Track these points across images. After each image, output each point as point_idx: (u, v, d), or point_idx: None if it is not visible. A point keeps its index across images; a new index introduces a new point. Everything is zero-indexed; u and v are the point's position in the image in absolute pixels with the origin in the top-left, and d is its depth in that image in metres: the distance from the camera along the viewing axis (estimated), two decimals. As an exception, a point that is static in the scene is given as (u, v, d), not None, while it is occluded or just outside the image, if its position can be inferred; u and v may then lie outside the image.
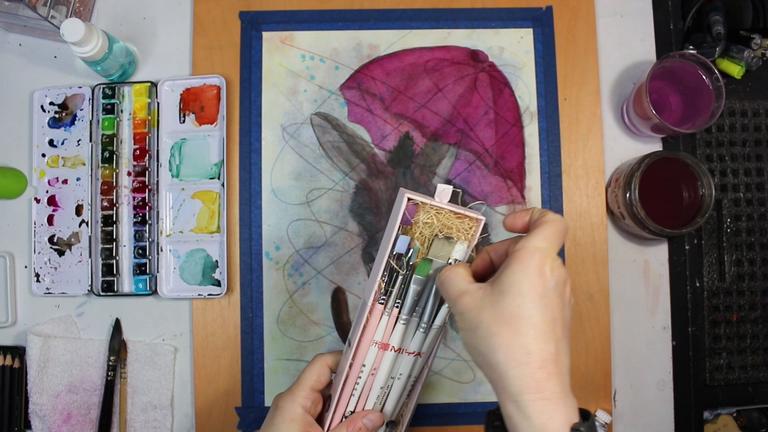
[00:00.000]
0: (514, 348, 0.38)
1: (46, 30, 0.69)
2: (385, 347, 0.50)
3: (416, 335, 0.49)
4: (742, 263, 0.71)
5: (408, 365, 0.50)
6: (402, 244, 0.48)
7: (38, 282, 0.69)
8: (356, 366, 0.50)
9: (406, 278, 0.49)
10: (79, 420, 0.68)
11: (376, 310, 0.49)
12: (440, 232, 0.49)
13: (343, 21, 0.72)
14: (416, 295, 0.49)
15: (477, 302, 0.40)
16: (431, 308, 0.49)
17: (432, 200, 0.49)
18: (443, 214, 0.49)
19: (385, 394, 0.51)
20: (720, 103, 0.65)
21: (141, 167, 0.70)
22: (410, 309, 0.49)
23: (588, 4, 0.73)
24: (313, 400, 0.51)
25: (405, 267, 0.49)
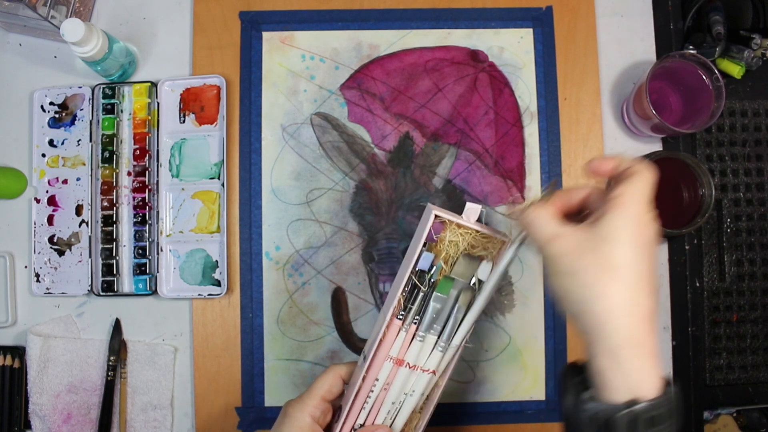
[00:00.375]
0: (619, 298, 0.36)
1: (46, 30, 0.69)
2: (400, 363, 0.49)
3: (433, 353, 0.49)
4: (742, 263, 0.71)
5: (422, 383, 0.50)
6: (425, 261, 0.48)
7: (38, 282, 0.69)
8: (369, 380, 0.49)
9: (426, 295, 0.49)
10: (79, 420, 0.68)
11: (393, 325, 0.49)
12: (465, 250, 0.49)
13: (343, 21, 0.72)
14: (435, 312, 0.49)
15: (574, 246, 0.38)
16: (451, 327, 0.49)
17: (460, 219, 0.48)
18: (470, 234, 0.49)
19: (397, 409, 0.50)
20: (720, 103, 0.65)
21: (141, 167, 0.70)
22: (428, 326, 0.49)
23: (588, 4, 0.73)
24: (322, 410, 0.50)
25: (426, 284, 0.49)
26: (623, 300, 0.36)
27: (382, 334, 0.49)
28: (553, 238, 0.39)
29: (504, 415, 0.69)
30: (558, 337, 0.70)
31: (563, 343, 0.69)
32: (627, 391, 0.35)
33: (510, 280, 0.70)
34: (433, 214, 0.47)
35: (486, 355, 0.70)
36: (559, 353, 0.69)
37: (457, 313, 0.49)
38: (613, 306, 0.36)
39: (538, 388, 0.70)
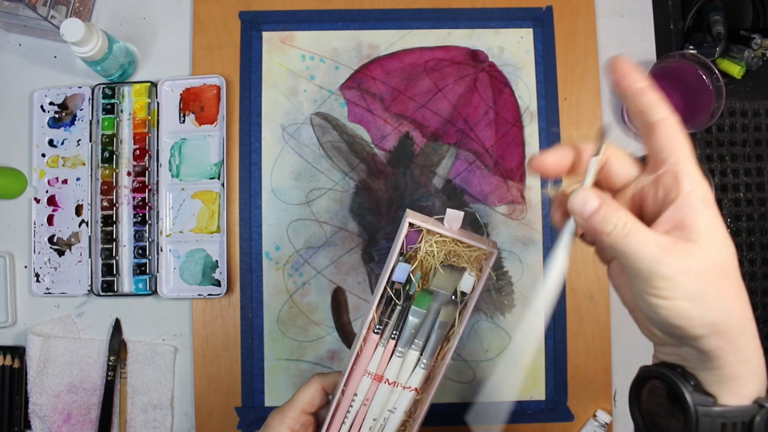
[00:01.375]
0: (745, 306, 0.33)
1: (46, 30, 0.69)
2: (379, 379, 0.47)
3: (416, 371, 0.46)
4: (742, 263, 0.71)
5: (405, 400, 0.47)
6: (401, 273, 0.45)
7: (38, 282, 0.69)
8: (348, 395, 0.47)
9: (404, 309, 0.45)
10: (79, 420, 0.68)
11: (370, 339, 0.46)
12: (445, 261, 0.45)
13: (343, 21, 0.72)
14: (414, 328, 0.45)
15: (689, 263, 0.31)
16: (434, 344, 0.46)
17: (437, 226, 0.44)
18: (450, 243, 0.45)
19: (381, 426, 0.48)
20: (720, 103, 0.65)
21: (141, 167, 0.70)
22: (407, 342, 0.46)
23: (588, 4, 0.73)
24: (303, 423, 0.48)
25: (403, 297, 0.45)
26: (747, 307, 0.33)
27: (359, 349, 0.46)
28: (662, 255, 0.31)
29: (504, 415, 0.69)
30: (558, 337, 0.70)
31: (563, 343, 0.69)
32: (756, 392, 0.33)
33: (510, 280, 0.70)
34: (407, 222, 0.44)
35: (486, 355, 0.70)
36: (559, 353, 0.69)
37: (439, 328, 0.45)
38: (744, 316, 0.33)
39: (538, 388, 0.70)
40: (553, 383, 0.69)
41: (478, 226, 0.45)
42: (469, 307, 0.45)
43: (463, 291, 0.45)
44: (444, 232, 0.44)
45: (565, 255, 0.35)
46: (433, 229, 0.44)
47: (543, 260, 0.70)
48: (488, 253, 0.44)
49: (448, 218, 0.45)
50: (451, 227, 0.45)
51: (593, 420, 0.68)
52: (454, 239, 0.44)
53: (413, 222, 0.44)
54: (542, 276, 0.70)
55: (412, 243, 0.45)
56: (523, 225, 0.71)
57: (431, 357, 0.46)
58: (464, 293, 0.45)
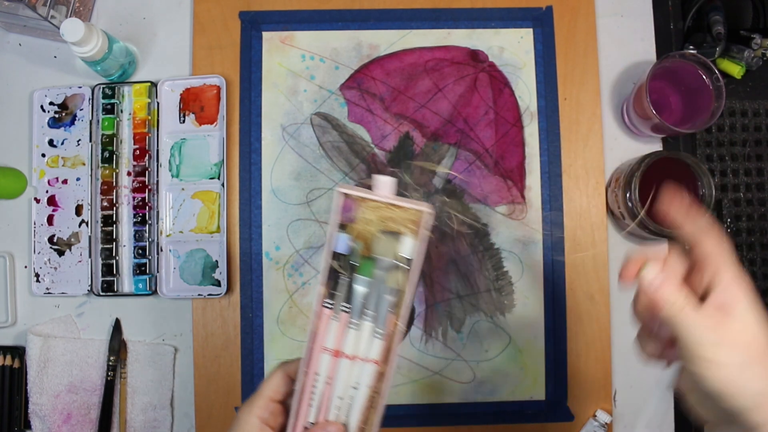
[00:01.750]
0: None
1: (46, 30, 0.69)
2: (337, 354, 0.46)
3: (374, 342, 0.46)
4: (742, 263, 0.71)
5: (367, 374, 0.47)
6: (341, 244, 0.45)
7: (38, 282, 0.69)
8: (310, 375, 0.47)
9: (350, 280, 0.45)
10: (79, 420, 0.68)
11: (324, 315, 0.46)
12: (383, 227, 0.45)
13: (343, 21, 0.72)
14: (364, 297, 0.46)
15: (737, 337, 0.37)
16: (385, 312, 0.46)
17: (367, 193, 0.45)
18: (383, 208, 0.45)
19: (348, 405, 0.47)
20: (720, 103, 0.65)
21: (141, 167, 0.70)
22: (359, 312, 0.46)
23: (588, 4, 0.73)
24: (272, 411, 0.48)
25: (348, 268, 0.46)
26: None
27: (314, 326, 0.47)
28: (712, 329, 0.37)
29: (504, 415, 0.69)
30: (558, 337, 0.70)
31: (563, 343, 0.69)
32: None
33: (510, 280, 0.70)
34: (340, 193, 0.44)
35: (486, 355, 0.70)
36: (559, 353, 0.69)
37: (387, 295, 0.46)
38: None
39: (538, 388, 0.70)
40: (553, 383, 0.69)
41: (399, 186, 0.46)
42: (416, 269, 0.46)
43: (404, 255, 0.45)
44: (376, 197, 0.45)
45: None
46: (365, 197, 0.45)
47: (543, 260, 0.70)
48: (423, 214, 0.45)
49: (379, 184, 0.45)
50: (383, 193, 0.45)
51: (593, 420, 0.68)
52: (388, 204, 0.45)
53: (345, 192, 0.44)
54: (542, 276, 0.70)
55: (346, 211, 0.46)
56: (523, 225, 0.71)
57: (384, 325, 0.46)
58: (408, 258, 0.45)
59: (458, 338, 0.70)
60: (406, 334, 0.70)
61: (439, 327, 0.70)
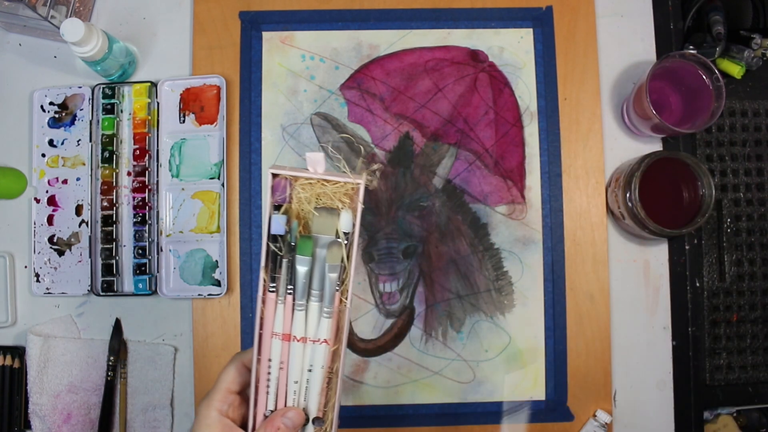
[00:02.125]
0: None
1: (46, 30, 0.69)
2: (287, 338, 0.46)
3: (321, 321, 0.46)
4: (742, 263, 0.71)
5: (319, 355, 0.46)
6: (278, 225, 0.44)
7: (38, 282, 0.69)
8: (263, 362, 0.46)
9: (290, 261, 0.45)
10: (79, 420, 0.68)
11: (268, 300, 0.46)
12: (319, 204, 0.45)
13: (343, 21, 0.72)
14: (306, 277, 0.45)
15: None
16: (330, 289, 0.45)
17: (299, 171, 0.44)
18: (318, 185, 0.45)
19: (304, 388, 0.47)
20: (720, 103, 0.65)
21: (141, 167, 0.70)
22: (303, 293, 0.45)
23: (588, 4, 0.73)
24: (230, 403, 0.48)
25: (287, 249, 0.45)
26: None
27: (260, 312, 0.46)
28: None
29: (504, 415, 0.69)
30: (558, 337, 0.70)
31: (563, 343, 0.69)
32: None
33: (510, 280, 0.70)
34: (270, 173, 0.44)
35: (486, 355, 0.70)
36: (559, 353, 0.69)
37: (330, 272, 0.45)
38: None
39: (538, 388, 0.70)
40: (553, 383, 0.69)
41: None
42: (355, 243, 0.45)
43: (344, 231, 0.45)
44: (307, 175, 0.44)
45: None
46: (296, 174, 0.44)
47: (543, 260, 0.70)
48: (356, 186, 0.45)
49: (310, 161, 0.45)
50: (315, 170, 0.45)
51: (593, 420, 0.68)
52: (320, 180, 0.45)
53: (275, 172, 0.44)
54: (542, 275, 0.70)
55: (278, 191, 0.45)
56: (523, 225, 0.71)
57: (331, 303, 0.46)
58: (346, 232, 0.45)
59: (458, 338, 0.70)
60: (406, 334, 0.70)
61: (439, 327, 0.70)
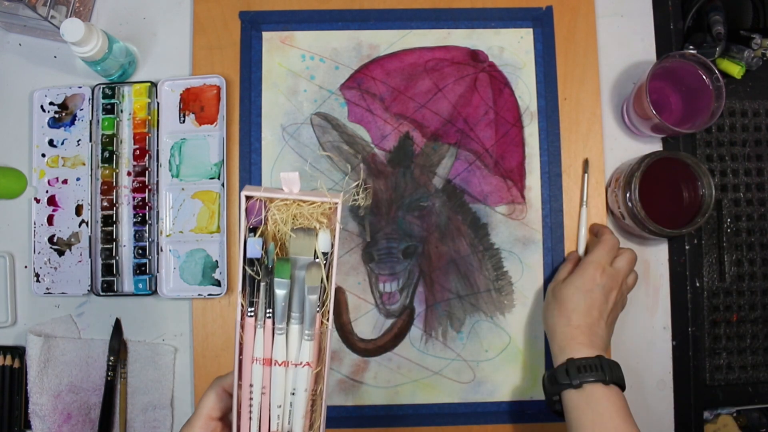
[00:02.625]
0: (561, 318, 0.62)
1: (46, 30, 0.69)
2: (268, 363, 0.45)
3: (303, 344, 0.45)
4: (742, 263, 0.71)
5: (302, 378, 0.45)
6: (253, 248, 0.43)
7: (38, 282, 0.69)
8: (244, 387, 0.45)
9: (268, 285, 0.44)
10: (79, 420, 0.68)
11: (247, 324, 0.45)
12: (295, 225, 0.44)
13: (343, 21, 0.72)
14: (284, 300, 0.44)
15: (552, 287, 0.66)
16: (310, 312, 0.44)
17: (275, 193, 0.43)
18: (294, 205, 0.44)
19: (288, 412, 0.46)
20: (720, 103, 0.65)
21: (141, 167, 0.70)
22: (283, 317, 0.44)
23: (588, 4, 0.73)
24: (212, 430, 0.47)
25: (264, 273, 0.44)
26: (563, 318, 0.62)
27: (240, 338, 0.45)
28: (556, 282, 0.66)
29: (504, 415, 0.69)
30: (558, 337, 0.69)
31: (563, 343, 0.69)
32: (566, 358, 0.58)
33: (510, 280, 0.70)
34: (243, 196, 0.42)
35: (486, 355, 0.70)
36: (559, 353, 0.69)
37: (309, 294, 0.44)
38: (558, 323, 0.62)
39: (538, 388, 0.69)
40: (553, 383, 0.69)
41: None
42: (334, 263, 0.44)
43: (322, 251, 0.44)
44: (282, 196, 0.43)
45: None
46: (271, 197, 0.43)
47: (543, 260, 0.70)
48: (333, 206, 0.44)
49: (285, 182, 0.43)
50: (291, 190, 0.44)
51: (593, 420, 0.68)
52: (296, 201, 0.44)
53: (249, 194, 0.43)
54: (542, 275, 0.70)
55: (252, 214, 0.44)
56: (523, 225, 0.71)
57: (312, 326, 0.44)
58: (324, 252, 0.44)
59: (458, 338, 0.70)
60: (405, 336, 0.70)
61: (439, 327, 0.70)
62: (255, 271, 0.44)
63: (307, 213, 0.44)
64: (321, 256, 0.44)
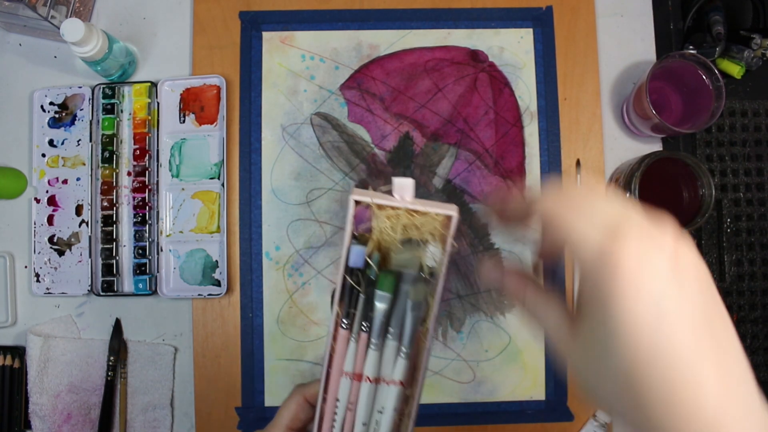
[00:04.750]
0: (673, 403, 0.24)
1: (46, 30, 0.69)
2: (358, 378, 0.42)
3: (397, 362, 0.42)
4: (742, 263, 0.71)
5: (392, 397, 0.43)
6: (357, 257, 0.40)
7: (38, 282, 0.69)
8: (330, 401, 0.43)
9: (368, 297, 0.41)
10: (79, 420, 0.68)
11: (340, 336, 0.42)
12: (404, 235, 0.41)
13: (343, 21, 0.72)
14: (384, 315, 0.41)
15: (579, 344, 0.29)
16: (411, 329, 0.41)
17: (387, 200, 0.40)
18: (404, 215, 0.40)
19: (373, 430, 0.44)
20: (720, 103, 0.65)
21: (141, 167, 0.70)
22: (380, 332, 0.42)
23: (588, 4, 0.73)
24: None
25: (365, 283, 0.41)
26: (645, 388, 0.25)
27: (330, 348, 0.43)
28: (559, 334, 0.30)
29: (504, 415, 0.69)
30: (558, 337, 0.69)
31: (563, 343, 0.69)
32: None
33: (510, 280, 0.70)
34: (352, 200, 0.39)
35: (486, 355, 0.70)
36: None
37: (412, 310, 0.41)
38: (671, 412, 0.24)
39: (538, 388, 0.70)
40: (553, 383, 0.69)
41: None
42: (441, 280, 0.42)
43: (429, 265, 0.41)
44: (395, 204, 0.40)
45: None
46: (382, 203, 0.40)
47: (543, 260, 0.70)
48: (448, 219, 0.40)
49: (397, 188, 0.40)
50: (403, 197, 0.41)
51: (593, 420, 0.68)
52: (408, 210, 0.40)
53: (359, 199, 0.40)
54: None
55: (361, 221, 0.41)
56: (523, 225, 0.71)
57: (410, 344, 0.42)
58: (432, 267, 0.41)
59: (458, 338, 0.70)
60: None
61: (439, 327, 0.70)
62: (355, 281, 0.41)
63: (419, 224, 0.40)
64: (427, 270, 0.41)
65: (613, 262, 0.23)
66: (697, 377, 0.23)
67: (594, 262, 0.25)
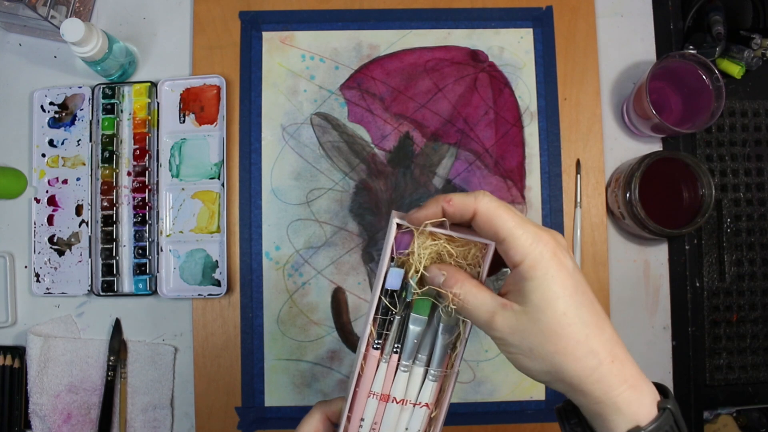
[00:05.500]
0: (579, 357, 0.35)
1: (46, 30, 0.69)
2: (386, 399, 0.43)
3: (425, 384, 0.43)
4: (742, 263, 0.71)
5: (418, 419, 0.43)
6: (394, 280, 0.41)
7: (38, 282, 0.69)
8: (354, 421, 0.43)
9: (403, 319, 0.42)
10: (79, 420, 0.68)
11: (371, 357, 0.43)
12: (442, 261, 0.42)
13: (343, 21, 0.72)
14: (416, 337, 0.42)
15: (515, 325, 0.37)
16: (441, 353, 0.42)
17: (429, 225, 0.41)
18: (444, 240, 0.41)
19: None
20: (720, 103, 0.65)
21: (141, 167, 0.70)
22: (411, 354, 0.42)
23: (588, 4, 0.73)
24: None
25: (401, 305, 0.42)
26: (584, 357, 0.35)
27: (360, 368, 0.43)
28: (490, 318, 0.38)
29: (504, 415, 0.69)
30: (558, 337, 0.69)
31: (563, 343, 0.69)
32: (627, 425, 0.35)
33: (510, 280, 0.70)
34: (395, 223, 0.40)
35: (486, 355, 0.70)
36: (559, 353, 0.69)
37: (443, 333, 0.42)
38: (579, 367, 0.35)
39: (538, 388, 0.69)
40: (553, 383, 0.69)
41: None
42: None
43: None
44: (436, 230, 0.41)
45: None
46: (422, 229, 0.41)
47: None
48: (484, 247, 0.41)
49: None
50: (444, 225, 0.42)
51: (593, 420, 0.68)
52: (447, 237, 0.41)
53: (401, 223, 0.41)
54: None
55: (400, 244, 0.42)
56: (523, 225, 0.70)
57: (439, 366, 0.43)
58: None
59: (458, 338, 0.70)
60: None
61: (439, 327, 0.70)
62: (391, 302, 0.41)
63: (455, 251, 0.41)
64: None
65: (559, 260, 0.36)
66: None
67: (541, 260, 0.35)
